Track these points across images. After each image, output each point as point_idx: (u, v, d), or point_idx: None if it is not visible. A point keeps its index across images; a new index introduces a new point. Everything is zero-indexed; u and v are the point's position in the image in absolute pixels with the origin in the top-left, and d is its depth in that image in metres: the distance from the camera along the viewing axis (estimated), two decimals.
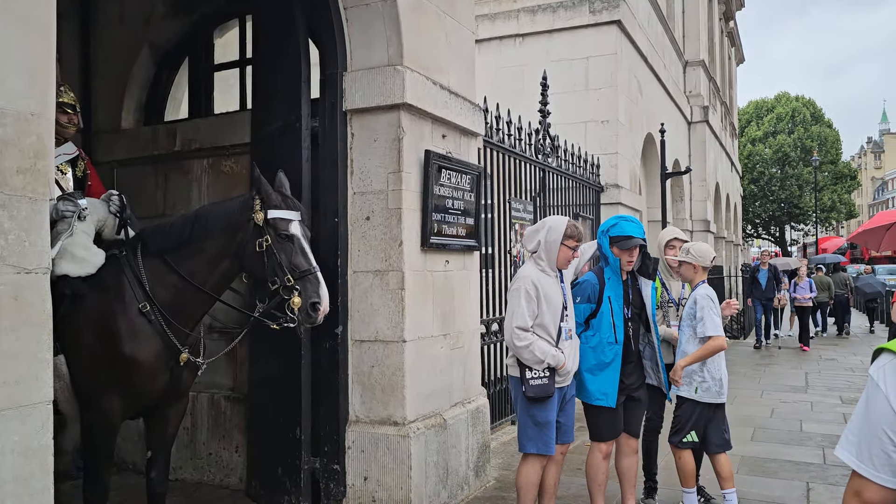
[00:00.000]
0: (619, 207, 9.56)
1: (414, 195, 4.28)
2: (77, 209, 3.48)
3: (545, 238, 3.76)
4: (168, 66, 5.88)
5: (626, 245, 3.97)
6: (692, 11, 17.29)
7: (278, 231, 3.36)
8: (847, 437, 1.45)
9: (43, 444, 2.12)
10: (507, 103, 6.72)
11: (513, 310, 3.69)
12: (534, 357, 3.62)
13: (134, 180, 5.44)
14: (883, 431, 1.37)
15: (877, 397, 1.40)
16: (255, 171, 3.48)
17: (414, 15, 4.34)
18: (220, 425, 5.14)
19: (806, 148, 41.87)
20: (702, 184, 16.57)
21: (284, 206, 3.43)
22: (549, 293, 3.71)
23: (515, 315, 3.65)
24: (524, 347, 3.61)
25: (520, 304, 3.65)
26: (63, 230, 3.43)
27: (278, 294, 3.34)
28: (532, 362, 3.64)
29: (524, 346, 3.61)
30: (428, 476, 4.26)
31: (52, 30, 2.18)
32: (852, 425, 1.45)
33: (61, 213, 3.47)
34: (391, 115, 4.20)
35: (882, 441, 1.37)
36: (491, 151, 6.10)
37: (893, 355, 1.40)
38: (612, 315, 3.98)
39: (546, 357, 3.63)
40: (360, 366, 4.27)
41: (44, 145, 2.14)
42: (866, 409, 1.42)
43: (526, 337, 3.62)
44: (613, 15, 9.84)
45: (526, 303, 3.64)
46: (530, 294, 3.67)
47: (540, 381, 3.65)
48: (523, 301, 3.65)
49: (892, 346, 1.42)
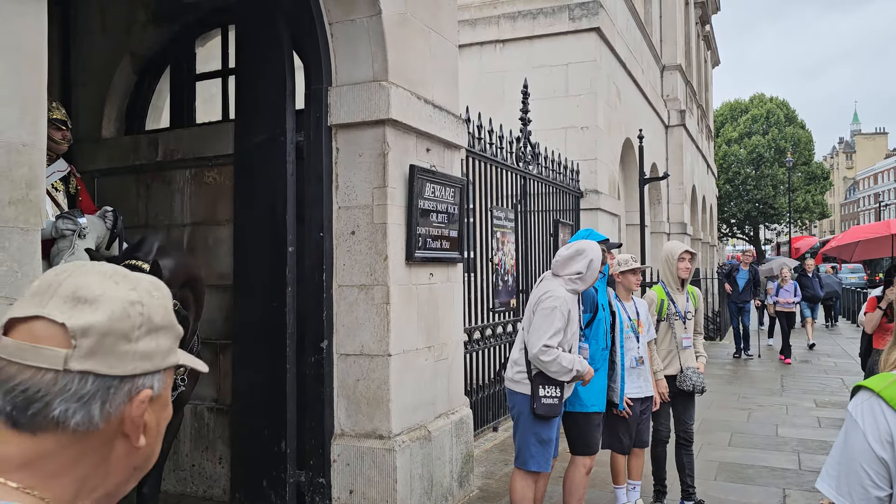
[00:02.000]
0: (598, 213, 9.66)
1: (399, 210, 4.31)
2: (77, 227, 3.48)
3: (588, 269, 3.83)
4: (149, 74, 5.84)
5: (611, 245, 4.18)
6: (669, 16, 17.47)
7: None
8: (827, 471, 1.51)
9: None
10: (488, 109, 6.78)
11: (544, 327, 3.70)
12: (562, 368, 3.66)
13: (115, 190, 5.40)
14: (861, 467, 1.44)
15: (855, 434, 1.46)
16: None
17: (399, 30, 4.37)
18: (204, 436, 5.13)
19: (780, 149, 42.51)
20: (679, 187, 16.77)
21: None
22: (574, 318, 3.81)
23: (547, 333, 3.67)
24: (552, 361, 3.65)
25: (554, 323, 3.68)
26: (65, 248, 3.43)
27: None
28: (561, 374, 3.68)
29: (552, 359, 3.64)
30: (413, 488, 4.30)
31: (43, 59, 2.19)
32: (832, 459, 1.52)
33: (61, 232, 3.46)
34: (376, 130, 4.23)
35: (860, 476, 1.43)
36: (473, 160, 6.15)
37: (870, 393, 1.47)
38: (605, 322, 4.13)
39: (574, 364, 3.69)
40: (346, 379, 4.30)
41: (35, 175, 2.14)
42: (845, 445, 1.49)
43: (553, 352, 3.66)
44: (593, 22, 9.93)
45: (559, 325, 3.69)
46: (565, 316, 3.73)
47: (551, 401, 3.72)
48: (558, 322, 3.69)
49: (869, 384, 1.48)
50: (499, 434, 6.66)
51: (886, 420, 1.42)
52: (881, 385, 1.46)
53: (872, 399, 1.46)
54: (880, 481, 1.42)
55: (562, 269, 3.89)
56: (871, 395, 1.47)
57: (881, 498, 1.43)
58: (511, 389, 3.91)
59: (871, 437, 1.43)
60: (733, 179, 43.07)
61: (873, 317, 5.91)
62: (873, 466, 1.43)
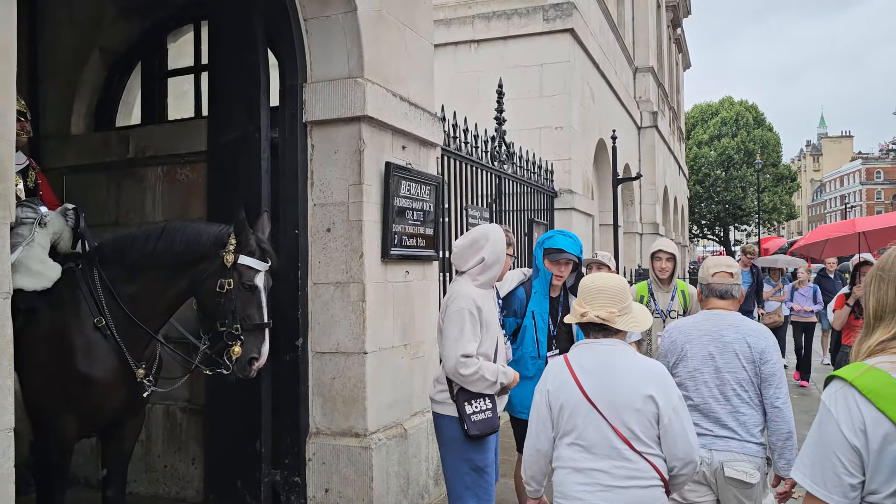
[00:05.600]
0: (572, 213, 9.73)
1: (375, 207, 4.30)
2: (38, 216, 3.40)
3: (491, 253, 3.32)
4: (120, 70, 5.75)
5: (554, 258, 3.85)
6: (642, 19, 17.67)
7: (243, 278, 3.29)
8: (802, 460, 1.54)
9: (4, 473, 2.08)
10: (462, 108, 6.78)
11: (454, 336, 3.20)
12: (485, 381, 3.21)
13: (84, 187, 5.30)
14: (835, 455, 1.46)
15: (829, 423, 1.49)
16: (240, 214, 3.35)
17: (375, 27, 4.36)
18: (176, 437, 5.06)
19: (749, 151, 43.24)
20: (651, 187, 16.96)
21: (258, 256, 3.35)
22: (489, 318, 3.31)
23: (459, 341, 3.18)
24: (473, 374, 3.17)
25: (464, 328, 3.19)
26: (24, 235, 3.34)
27: (222, 339, 3.30)
28: (485, 388, 3.23)
29: (472, 372, 3.17)
30: (389, 486, 4.28)
31: (11, 51, 2.14)
32: (806, 448, 1.54)
33: (20, 220, 3.38)
34: (352, 127, 4.21)
35: (834, 464, 1.46)
36: (448, 159, 6.14)
37: (843, 382, 1.49)
38: (535, 330, 3.91)
39: (497, 376, 3.25)
40: (321, 377, 4.27)
41: (4, 167, 2.10)
42: (819, 434, 1.51)
43: (472, 363, 3.18)
44: (567, 23, 10.00)
45: (471, 326, 3.20)
46: (475, 317, 3.23)
47: (483, 416, 3.22)
48: (468, 324, 3.20)
49: (842, 374, 1.51)
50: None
51: (859, 409, 1.45)
52: (853, 374, 1.49)
53: (845, 388, 1.49)
54: (853, 468, 1.45)
55: (463, 264, 3.38)
56: (843, 385, 1.49)
57: (853, 485, 1.45)
58: (435, 412, 3.39)
59: (844, 426, 1.46)
60: (703, 181, 43.72)
61: (842, 313, 6.04)
62: (846, 454, 1.45)
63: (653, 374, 2.47)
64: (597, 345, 2.52)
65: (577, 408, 2.44)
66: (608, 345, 2.51)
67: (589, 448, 2.42)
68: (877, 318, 1.59)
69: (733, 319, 3.10)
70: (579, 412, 2.43)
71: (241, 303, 3.28)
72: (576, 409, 2.44)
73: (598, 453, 2.40)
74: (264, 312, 3.35)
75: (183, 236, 3.37)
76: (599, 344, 2.52)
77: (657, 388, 2.41)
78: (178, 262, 3.37)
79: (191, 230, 3.41)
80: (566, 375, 2.49)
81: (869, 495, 1.44)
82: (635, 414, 2.38)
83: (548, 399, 2.52)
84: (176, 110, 5.69)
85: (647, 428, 2.39)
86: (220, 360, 3.33)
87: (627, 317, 2.50)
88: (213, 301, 3.31)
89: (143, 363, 3.46)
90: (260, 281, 3.35)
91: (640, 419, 2.38)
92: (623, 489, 2.37)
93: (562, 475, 2.48)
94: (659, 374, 2.47)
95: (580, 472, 2.42)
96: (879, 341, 1.55)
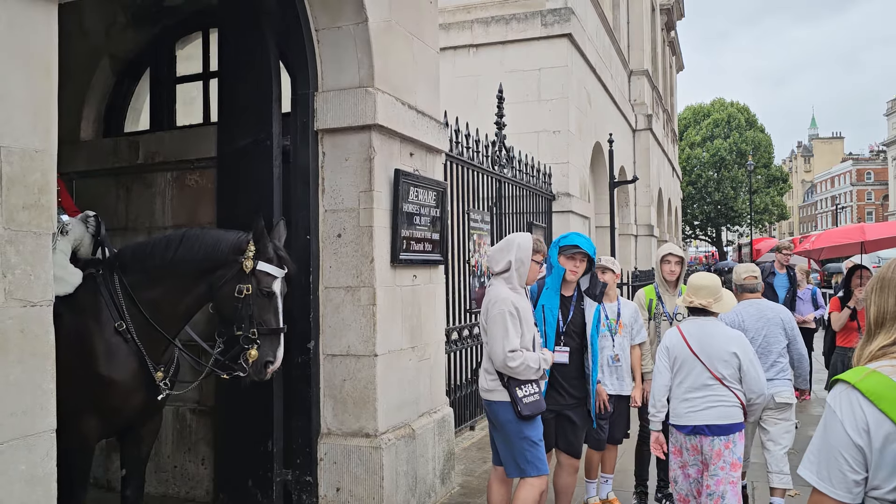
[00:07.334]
0: (570, 215, 9.85)
1: (384, 213, 4.40)
2: (60, 224, 3.48)
3: (516, 257, 3.74)
4: (129, 77, 5.83)
5: (569, 252, 4.01)
6: (636, 23, 17.83)
7: (261, 284, 3.41)
8: (808, 458, 1.65)
9: (47, 472, 2.18)
10: (461, 112, 6.89)
11: (500, 335, 3.63)
12: (531, 369, 3.64)
13: (94, 192, 5.38)
14: (839, 453, 1.57)
15: (833, 424, 1.60)
16: (259, 222, 3.47)
17: (384, 37, 4.46)
18: (186, 438, 5.15)
19: (741, 152, 43.53)
20: (646, 190, 17.11)
21: (275, 263, 3.47)
22: (526, 315, 3.72)
23: (505, 339, 3.60)
24: (520, 365, 3.60)
25: (507, 327, 3.61)
26: None
27: (238, 343, 3.42)
28: (532, 374, 3.66)
29: (519, 363, 3.59)
30: (398, 485, 4.39)
31: (54, 67, 2.23)
32: (813, 446, 1.65)
33: None
34: (362, 135, 4.31)
35: (839, 462, 1.57)
36: (451, 164, 6.25)
37: (847, 385, 1.61)
38: (544, 324, 4.01)
39: (539, 363, 3.68)
40: (332, 379, 4.37)
41: (47, 181, 2.19)
42: (824, 434, 1.62)
43: (518, 356, 3.60)
44: (564, 28, 10.13)
45: (512, 325, 3.62)
46: (514, 315, 3.64)
47: (533, 399, 3.67)
48: (509, 324, 3.62)
49: (846, 378, 1.62)
50: (476, 433, 6.78)
51: (862, 410, 1.56)
52: (857, 378, 1.60)
53: (849, 391, 1.60)
54: (857, 466, 1.56)
55: (495, 265, 3.83)
56: (847, 388, 1.60)
57: (857, 481, 1.57)
58: (488, 400, 3.79)
59: (848, 426, 1.57)
60: (696, 182, 43.97)
61: (841, 316, 6.19)
62: (850, 453, 1.56)
63: (735, 338, 3.84)
64: (700, 320, 3.90)
65: (686, 359, 3.83)
66: (706, 320, 3.89)
67: (692, 387, 3.80)
68: (878, 324, 1.70)
69: (766, 304, 4.71)
70: (687, 362, 3.83)
71: (259, 308, 3.39)
72: (685, 360, 3.84)
73: (697, 388, 3.79)
74: (280, 317, 3.47)
75: (202, 243, 3.46)
76: (701, 320, 3.89)
77: (738, 347, 3.79)
78: (198, 269, 3.46)
79: (210, 237, 3.51)
80: (679, 339, 3.89)
81: (872, 491, 1.55)
82: (723, 363, 3.76)
83: (667, 353, 3.92)
84: (184, 116, 5.77)
85: (733, 372, 3.77)
86: (234, 364, 3.45)
87: (720, 303, 3.88)
88: (231, 306, 3.41)
89: (162, 366, 3.56)
90: (277, 287, 3.46)
91: (726, 366, 3.76)
92: (714, 408, 3.75)
93: (675, 403, 3.87)
94: (739, 338, 3.86)
95: (686, 401, 3.81)
96: (880, 346, 1.66)
